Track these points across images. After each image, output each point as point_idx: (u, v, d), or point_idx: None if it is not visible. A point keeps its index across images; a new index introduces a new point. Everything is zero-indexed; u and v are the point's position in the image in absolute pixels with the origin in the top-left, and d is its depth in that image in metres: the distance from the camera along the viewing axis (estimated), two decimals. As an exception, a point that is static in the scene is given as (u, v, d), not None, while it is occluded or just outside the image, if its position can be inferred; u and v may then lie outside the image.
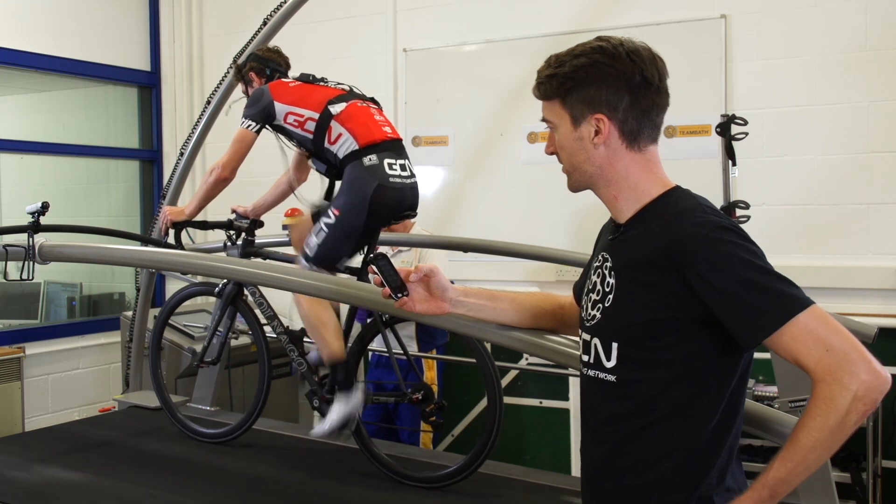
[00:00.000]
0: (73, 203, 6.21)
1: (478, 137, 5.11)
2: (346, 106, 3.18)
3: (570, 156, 1.62)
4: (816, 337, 1.40)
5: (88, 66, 5.74)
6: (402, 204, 3.14)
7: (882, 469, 4.01)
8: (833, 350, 1.39)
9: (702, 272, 1.45)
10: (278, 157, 3.48)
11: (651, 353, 1.53)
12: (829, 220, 4.27)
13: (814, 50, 4.28)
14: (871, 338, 3.39)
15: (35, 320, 5.82)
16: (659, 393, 1.53)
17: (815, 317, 1.42)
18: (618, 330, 1.57)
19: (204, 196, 3.44)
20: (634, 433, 1.56)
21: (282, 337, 3.39)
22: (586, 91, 1.57)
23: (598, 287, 1.63)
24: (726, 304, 1.44)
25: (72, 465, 3.32)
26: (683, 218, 1.52)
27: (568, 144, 1.62)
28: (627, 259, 1.58)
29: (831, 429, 1.37)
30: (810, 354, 1.40)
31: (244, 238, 3.57)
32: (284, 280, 2.62)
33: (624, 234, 1.61)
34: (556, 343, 1.94)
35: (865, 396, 1.37)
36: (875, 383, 1.38)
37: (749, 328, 1.44)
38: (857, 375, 1.37)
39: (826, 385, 1.38)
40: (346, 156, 3.11)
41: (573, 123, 1.60)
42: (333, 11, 5.44)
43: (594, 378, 1.61)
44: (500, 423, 2.94)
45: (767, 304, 1.43)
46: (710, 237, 1.46)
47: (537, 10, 4.92)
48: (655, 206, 1.59)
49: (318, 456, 3.44)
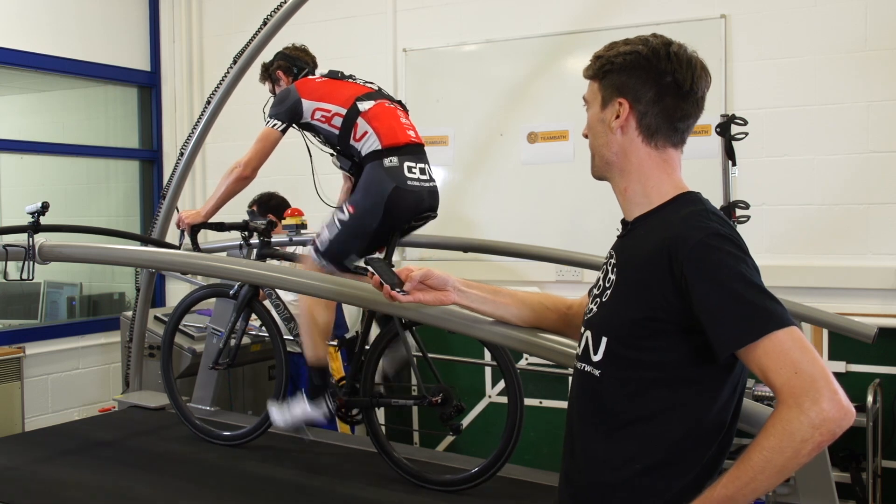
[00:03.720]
0: (73, 203, 6.21)
1: (477, 137, 5.11)
2: (375, 105, 3.20)
3: (594, 137, 1.67)
4: (788, 357, 1.38)
5: (88, 66, 5.74)
6: (420, 206, 3.15)
7: (882, 469, 4.01)
8: (801, 374, 1.37)
9: (689, 274, 1.45)
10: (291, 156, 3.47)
11: (637, 352, 1.53)
12: (828, 220, 4.27)
13: (813, 50, 4.28)
14: (871, 338, 3.39)
15: (35, 320, 5.82)
16: (637, 394, 1.53)
17: (792, 338, 1.40)
18: (609, 325, 1.58)
19: (223, 195, 3.39)
20: (609, 431, 1.56)
21: (299, 339, 3.38)
22: (619, 77, 1.62)
23: (600, 283, 1.66)
24: (707, 309, 1.43)
25: (72, 465, 3.32)
26: (685, 221, 1.52)
27: (594, 125, 1.67)
28: (629, 257, 1.59)
29: (784, 452, 1.35)
30: (779, 373, 1.38)
31: (260, 239, 3.56)
32: (284, 280, 2.62)
33: (631, 233, 1.63)
34: (554, 343, 1.94)
35: (822, 427, 1.33)
36: (835, 416, 1.34)
37: (724, 336, 1.43)
38: (819, 403, 1.34)
39: (787, 407, 1.36)
40: (368, 154, 3.13)
41: (601, 105, 1.64)
42: (333, 11, 5.44)
43: (581, 370, 1.64)
44: (520, 427, 2.94)
45: (747, 315, 1.42)
46: (705, 242, 1.46)
47: (537, 11, 4.93)
48: (665, 208, 1.60)
49: (327, 458, 3.42)
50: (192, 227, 3.48)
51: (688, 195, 1.62)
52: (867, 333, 3.42)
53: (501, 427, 2.99)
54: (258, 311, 3.52)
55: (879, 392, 4.01)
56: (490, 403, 4.86)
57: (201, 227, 3.51)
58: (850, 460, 3.99)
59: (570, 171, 4.80)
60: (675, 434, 1.51)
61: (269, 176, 3.94)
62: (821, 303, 3.86)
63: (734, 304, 1.43)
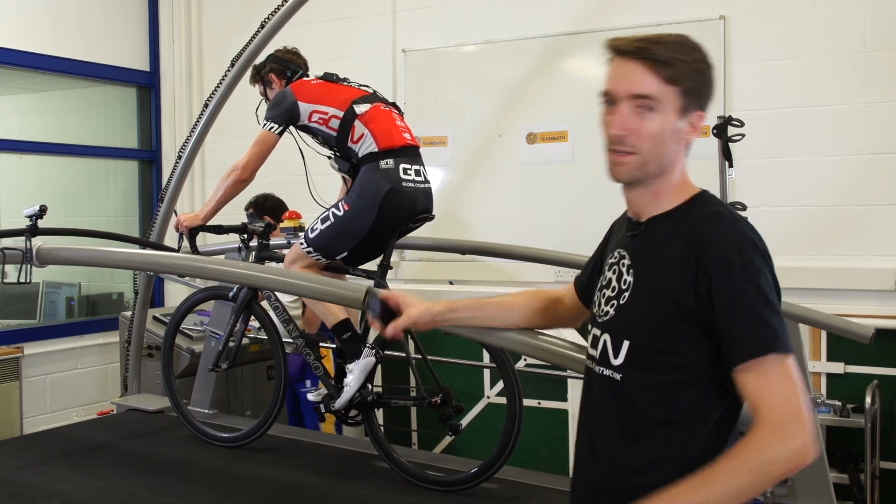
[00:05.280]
0: (72, 203, 6.21)
1: (477, 138, 5.11)
2: (371, 107, 3.23)
3: (660, 143, 1.55)
4: (783, 385, 1.41)
5: (88, 66, 5.74)
6: (415, 208, 3.18)
7: (880, 470, 4.02)
8: (789, 404, 1.40)
9: (717, 278, 1.45)
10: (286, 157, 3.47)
11: (661, 355, 1.52)
12: (827, 222, 4.27)
13: (812, 51, 4.28)
14: (868, 339, 3.39)
15: (34, 320, 5.82)
16: (661, 397, 1.53)
17: (789, 366, 1.43)
18: (632, 328, 1.56)
19: (221, 198, 3.40)
20: (631, 435, 1.55)
21: (298, 341, 3.38)
22: (701, 87, 1.57)
23: (613, 283, 1.62)
24: (727, 316, 1.45)
25: (71, 469, 3.30)
26: (714, 221, 1.52)
27: (662, 132, 1.54)
28: (650, 257, 1.57)
29: (753, 472, 1.38)
30: (768, 397, 1.41)
31: (259, 242, 3.56)
32: (282, 282, 2.62)
33: (646, 232, 1.60)
34: (553, 345, 1.94)
35: (796, 459, 1.38)
36: (809, 451, 1.38)
37: (737, 346, 1.45)
38: (801, 437, 1.38)
39: (769, 432, 1.39)
40: (365, 156, 3.16)
41: (679, 113, 1.55)
42: (333, 12, 5.44)
43: (599, 374, 1.61)
44: (519, 428, 2.95)
45: (758, 331, 1.44)
46: (739, 249, 1.47)
47: (536, 11, 4.93)
48: (685, 207, 1.59)
49: (327, 459, 3.41)
50: (191, 229, 3.48)
51: (705, 194, 1.61)
52: (864, 334, 3.42)
53: (500, 428, 2.99)
54: (257, 314, 3.52)
55: (878, 393, 4.01)
56: (489, 404, 4.86)
57: (199, 229, 3.51)
58: (848, 461, 3.99)
59: (569, 171, 4.80)
60: (699, 437, 1.52)
61: (267, 176, 3.94)
62: (819, 304, 3.86)
63: (749, 317, 1.44)
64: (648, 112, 1.53)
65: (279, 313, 3.47)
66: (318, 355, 3.35)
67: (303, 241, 3.21)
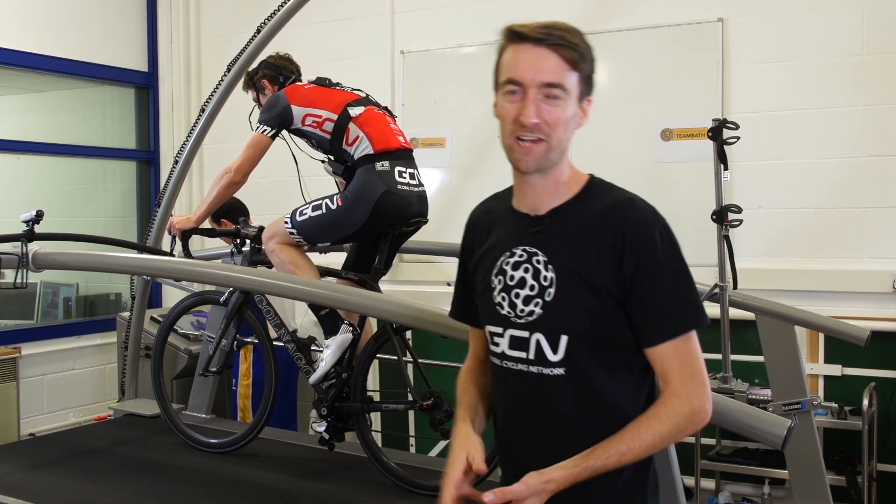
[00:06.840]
0: (70, 204, 6.21)
1: (475, 139, 5.10)
2: (365, 110, 3.24)
3: (564, 131, 1.56)
4: (693, 361, 1.54)
5: (86, 66, 5.74)
6: (409, 210, 3.18)
7: (877, 472, 4.02)
8: (696, 377, 1.54)
9: (645, 259, 1.51)
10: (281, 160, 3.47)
11: (600, 340, 1.55)
12: (825, 224, 4.27)
13: (811, 54, 4.28)
14: (864, 341, 3.41)
15: (31, 320, 5.81)
16: (607, 382, 1.56)
17: (696, 341, 1.55)
18: (567, 322, 1.55)
19: (214, 201, 3.41)
20: (584, 425, 1.56)
21: (289, 345, 3.37)
22: (591, 73, 1.60)
23: (529, 282, 1.58)
24: (653, 294, 1.51)
25: (69, 476, 3.27)
26: (632, 207, 1.56)
27: (568, 119, 1.56)
28: (567, 250, 1.56)
29: (667, 440, 1.53)
30: (680, 373, 1.52)
31: (251, 246, 3.55)
32: (274, 286, 2.62)
33: (552, 226, 1.59)
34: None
35: (700, 424, 1.55)
36: (707, 417, 1.55)
37: (656, 327, 1.52)
38: (705, 408, 1.54)
39: (681, 403, 1.52)
40: (360, 158, 3.17)
41: (578, 98, 1.58)
42: (331, 13, 5.43)
43: (535, 374, 1.59)
44: None
45: (689, 307, 1.54)
46: (660, 231, 1.53)
47: (535, 13, 4.83)
48: (584, 195, 1.60)
49: (321, 464, 3.38)
50: (183, 232, 3.48)
51: (596, 180, 1.64)
52: (860, 336, 3.43)
53: (491, 431, 2.98)
54: (249, 319, 3.50)
55: (875, 395, 4.02)
56: (484, 406, 4.85)
57: (192, 232, 3.51)
58: (845, 463, 4.00)
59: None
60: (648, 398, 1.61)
61: (265, 177, 3.94)
62: (816, 306, 3.87)
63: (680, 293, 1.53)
64: (556, 99, 1.55)
65: (271, 317, 3.46)
66: (310, 359, 3.34)
67: (287, 220, 3.20)
